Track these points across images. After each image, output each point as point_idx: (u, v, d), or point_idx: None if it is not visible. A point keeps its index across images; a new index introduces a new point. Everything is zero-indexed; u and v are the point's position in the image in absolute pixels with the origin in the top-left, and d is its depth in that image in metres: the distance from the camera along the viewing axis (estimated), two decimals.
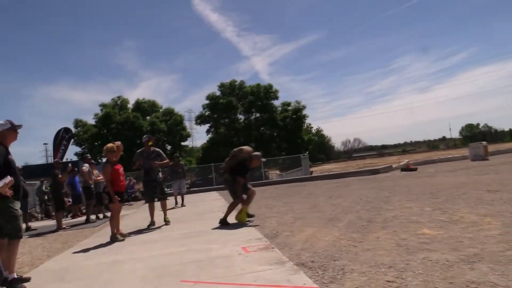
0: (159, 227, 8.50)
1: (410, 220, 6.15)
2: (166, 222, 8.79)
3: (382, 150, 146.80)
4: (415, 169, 20.92)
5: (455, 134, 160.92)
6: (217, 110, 37.75)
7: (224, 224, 7.57)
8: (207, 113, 39.13)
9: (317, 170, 48.72)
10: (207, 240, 6.19)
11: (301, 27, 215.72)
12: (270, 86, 38.68)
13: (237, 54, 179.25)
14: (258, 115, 38.78)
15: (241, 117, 39.87)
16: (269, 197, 13.46)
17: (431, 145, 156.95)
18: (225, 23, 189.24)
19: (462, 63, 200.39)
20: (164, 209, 8.93)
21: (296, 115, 38.28)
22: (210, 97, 38.67)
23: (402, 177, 16.88)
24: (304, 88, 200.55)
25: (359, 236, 5.23)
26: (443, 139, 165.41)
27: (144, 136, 8.98)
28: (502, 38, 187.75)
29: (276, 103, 39.52)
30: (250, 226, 7.07)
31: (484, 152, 25.63)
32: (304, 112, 38.46)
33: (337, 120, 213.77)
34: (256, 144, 37.89)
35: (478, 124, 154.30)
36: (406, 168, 21.19)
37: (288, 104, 39.36)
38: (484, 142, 27.05)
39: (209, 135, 39.91)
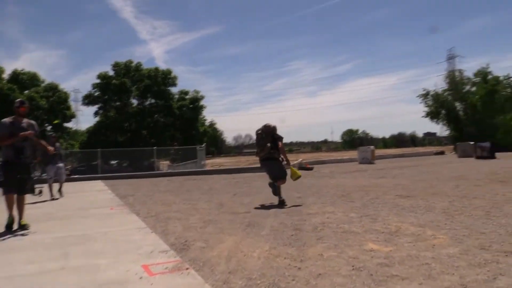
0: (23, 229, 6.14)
1: (343, 229, 5.30)
2: (23, 226, 6.13)
3: None
4: (311, 169, 20.91)
5: (336, 138, 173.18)
6: (109, 91, 34.28)
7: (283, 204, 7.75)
8: (96, 94, 35.30)
9: (209, 163, 47.77)
10: (92, 250, 4.59)
11: (203, 18, 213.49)
12: (169, 72, 36.32)
13: (134, 37, 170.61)
14: (153, 101, 36.20)
15: (134, 101, 36.89)
16: (165, 191, 11.94)
17: (315, 146, 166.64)
18: (124, 2, 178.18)
19: (347, 73, 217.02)
20: (22, 207, 6.29)
21: (194, 104, 36.60)
22: (102, 76, 34.93)
23: (302, 177, 16.55)
24: (200, 80, 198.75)
25: (296, 252, 4.16)
26: (325, 141, 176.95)
27: (17, 100, 6.47)
28: (383, 54, 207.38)
29: (174, 90, 37.43)
30: (152, 232, 5.57)
31: (371, 156, 27.04)
32: (202, 102, 37.08)
33: (230, 115, 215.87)
34: (148, 132, 35.42)
35: (357, 130, 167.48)
36: (302, 167, 21.13)
37: (186, 93, 37.49)
38: (372, 147, 28.64)
39: (97, 118, 36.18)
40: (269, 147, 8.11)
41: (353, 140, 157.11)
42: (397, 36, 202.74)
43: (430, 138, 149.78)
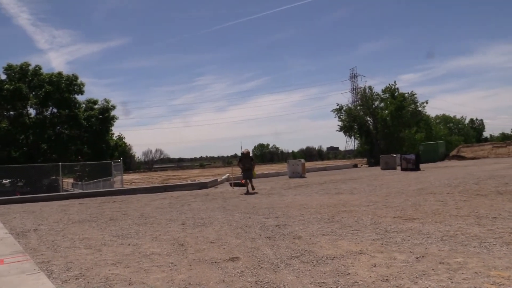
0: None
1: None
2: None
3: (180, 163, 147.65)
4: (247, 184, 18.93)
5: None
6: (0, 98, 28.69)
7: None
8: None
9: (117, 180, 43.25)
10: None
11: (108, 29, 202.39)
12: (75, 77, 31.46)
13: (30, 45, 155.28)
14: (55, 110, 31.18)
15: (32, 111, 31.56)
16: (82, 221, 8.91)
17: (226, 161, 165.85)
18: (19, 8, 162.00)
19: (255, 89, 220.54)
20: None
21: (104, 115, 32.32)
22: None
23: (253, 196, 14.39)
24: (105, 94, 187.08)
25: None
26: (235, 156, 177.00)
27: None
28: (288, 72, 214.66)
29: (81, 98, 32.77)
30: None
31: (302, 170, 25.78)
32: (113, 113, 32.86)
33: (139, 129, 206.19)
34: (50, 146, 30.42)
35: (268, 145, 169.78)
36: (237, 183, 18.97)
37: (95, 102, 32.95)
38: (302, 160, 27.39)
39: None
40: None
41: (264, 154, 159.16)
42: (302, 56, 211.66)
43: (334, 152, 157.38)
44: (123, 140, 55.87)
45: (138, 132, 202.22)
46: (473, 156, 46.90)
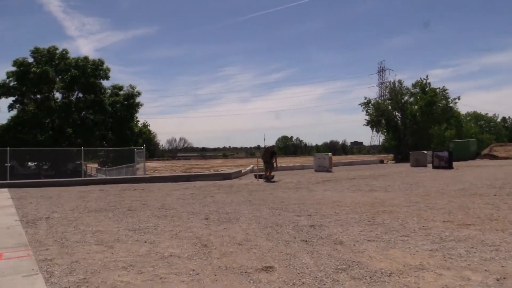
0: None
1: None
2: None
3: (203, 153, 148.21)
4: (272, 177, 18.21)
5: (269, 144, 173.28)
6: (27, 81, 28.46)
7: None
8: (12, 84, 29.40)
9: (140, 167, 43.19)
10: None
11: (135, 18, 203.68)
12: (101, 62, 31.16)
13: (60, 32, 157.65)
14: (81, 95, 30.98)
15: (59, 94, 31.48)
16: (99, 210, 8.36)
17: (249, 152, 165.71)
18: None
19: (280, 80, 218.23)
20: None
21: (129, 101, 32.00)
22: (19, 63, 28.94)
23: (279, 190, 13.66)
24: (132, 81, 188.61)
25: None
26: (258, 147, 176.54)
27: None
28: (314, 65, 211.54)
29: (106, 84, 32.52)
30: None
31: (329, 164, 24.87)
32: (138, 100, 32.51)
33: (163, 117, 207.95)
34: (75, 130, 30.33)
35: (291, 137, 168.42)
36: (261, 175, 18.26)
37: (120, 88, 32.65)
38: (329, 154, 26.43)
39: (13, 112, 30.37)
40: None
41: (287, 147, 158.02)
42: (328, 48, 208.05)
43: (358, 147, 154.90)
44: (148, 127, 55.85)
45: (162, 121, 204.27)
46: (507, 156, 44.84)
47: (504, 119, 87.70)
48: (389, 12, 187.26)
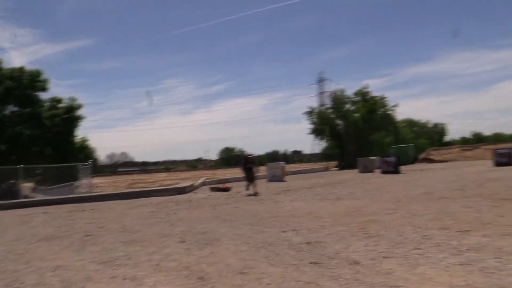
0: None
1: None
2: None
3: (144, 167, 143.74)
4: (229, 189, 17.50)
5: (211, 156, 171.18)
6: None
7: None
8: None
9: (84, 185, 40.31)
10: None
11: (72, 29, 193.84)
12: (39, 74, 28.60)
13: None
14: (16, 108, 28.35)
15: None
16: (49, 238, 7.21)
17: (191, 164, 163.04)
18: None
19: (221, 92, 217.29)
20: None
21: (69, 115, 29.77)
22: None
23: (234, 201, 12.95)
24: (68, 95, 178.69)
25: None
26: (200, 159, 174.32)
27: None
28: (256, 76, 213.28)
29: (45, 96, 30.02)
30: None
31: (282, 173, 24.55)
32: (79, 112, 30.30)
33: (102, 131, 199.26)
34: (9, 147, 27.62)
35: (234, 148, 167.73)
36: (218, 188, 17.50)
37: (59, 101, 30.20)
38: (282, 163, 26.10)
39: None
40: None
41: (230, 158, 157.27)
42: (268, 60, 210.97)
43: (298, 156, 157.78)
44: (87, 142, 52.79)
45: (101, 135, 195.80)
46: (442, 159, 47.41)
47: (435, 124, 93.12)
48: (326, 25, 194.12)
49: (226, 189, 17.42)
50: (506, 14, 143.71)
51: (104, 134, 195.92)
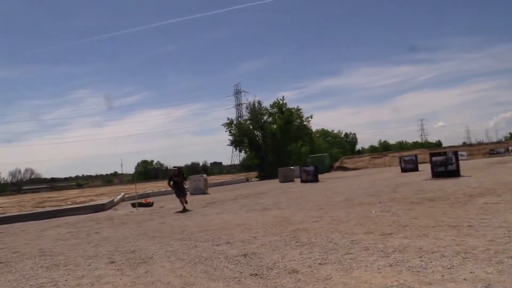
0: None
1: None
2: None
3: (53, 183, 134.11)
4: (151, 204, 16.99)
5: (127, 170, 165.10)
6: None
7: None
8: None
9: None
10: None
11: None
12: None
13: None
14: None
15: None
16: None
17: (106, 179, 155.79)
18: None
19: (135, 104, 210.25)
20: None
21: None
22: None
23: (160, 216, 12.59)
24: None
25: None
26: (116, 174, 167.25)
27: None
28: (172, 88, 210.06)
29: None
30: None
31: (204, 186, 24.42)
32: None
33: (4, 146, 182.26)
34: None
35: (152, 161, 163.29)
36: (141, 204, 16.89)
37: None
38: (204, 175, 25.96)
39: None
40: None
41: (148, 171, 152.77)
42: (183, 72, 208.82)
43: (218, 167, 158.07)
44: None
45: (1, 150, 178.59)
46: (355, 167, 50.58)
47: (346, 134, 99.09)
48: (240, 38, 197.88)
49: (148, 204, 16.89)
50: (406, 32, 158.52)
51: (5, 148, 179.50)
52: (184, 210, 13.29)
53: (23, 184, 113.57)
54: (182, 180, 14.20)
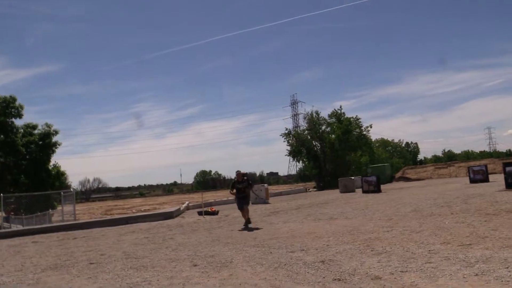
0: None
1: None
2: None
3: (118, 192, 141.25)
4: (217, 212, 17.54)
5: (186, 180, 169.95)
6: None
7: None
8: None
9: (52, 212, 39.17)
10: None
11: (40, 55, 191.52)
12: (14, 100, 28.02)
13: None
14: None
15: None
16: (56, 268, 7.13)
17: (167, 189, 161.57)
18: None
19: (194, 116, 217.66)
20: None
21: (44, 141, 29.19)
22: None
23: (228, 224, 13.01)
24: (37, 121, 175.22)
25: None
26: (175, 183, 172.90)
27: None
28: (228, 100, 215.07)
29: (18, 123, 29.37)
30: None
31: (265, 195, 24.72)
32: (55, 138, 29.74)
33: (72, 157, 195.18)
34: None
35: (210, 171, 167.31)
36: (207, 212, 17.49)
37: (34, 127, 29.64)
38: (265, 185, 26.34)
39: None
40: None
41: (206, 181, 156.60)
42: (239, 84, 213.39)
43: (274, 177, 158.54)
44: (62, 169, 51.63)
45: (72, 161, 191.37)
46: (418, 177, 48.66)
47: (407, 144, 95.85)
48: (295, 49, 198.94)
49: (214, 213, 17.44)
50: (469, 37, 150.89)
51: (76, 160, 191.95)
52: (248, 222, 11.47)
53: (91, 192, 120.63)
54: (247, 187, 12.01)
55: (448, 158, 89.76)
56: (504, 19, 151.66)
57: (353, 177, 31.72)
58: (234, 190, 12.17)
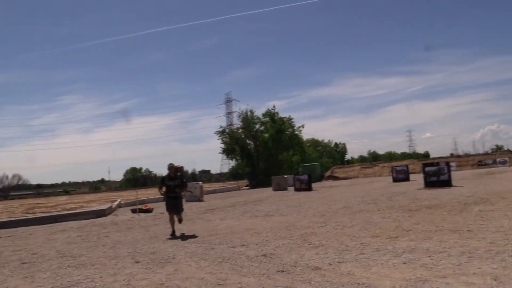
0: None
1: None
2: None
3: (40, 190, 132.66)
4: (151, 210, 17.24)
5: (114, 177, 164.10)
6: None
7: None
8: None
9: None
10: None
11: None
12: None
13: None
14: None
15: None
16: None
17: (93, 186, 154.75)
18: None
19: (125, 110, 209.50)
20: None
21: None
22: None
23: (165, 221, 12.88)
24: None
25: None
26: (103, 181, 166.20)
27: None
28: (162, 95, 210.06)
29: None
30: None
31: (200, 193, 24.69)
32: None
33: None
34: None
35: (141, 168, 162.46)
36: (140, 209, 17.14)
37: None
38: (200, 183, 26.26)
39: None
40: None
41: (136, 178, 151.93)
42: (174, 80, 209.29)
43: (206, 175, 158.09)
44: None
45: None
46: (345, 176, 51.22)
47: (336, 144, 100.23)
48: (230, 47, 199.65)
49: (148, 210, 17.13)
50: (394, 43, 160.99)
51: None
52: (173, 233, 9.13)
53: (10, 190, 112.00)
54: (178, 186, 9.43)
55: (373, 158, 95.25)
56: (428, 30, 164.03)
57: (285, 176, 32.56)
58: (164, 189, 9.49)
